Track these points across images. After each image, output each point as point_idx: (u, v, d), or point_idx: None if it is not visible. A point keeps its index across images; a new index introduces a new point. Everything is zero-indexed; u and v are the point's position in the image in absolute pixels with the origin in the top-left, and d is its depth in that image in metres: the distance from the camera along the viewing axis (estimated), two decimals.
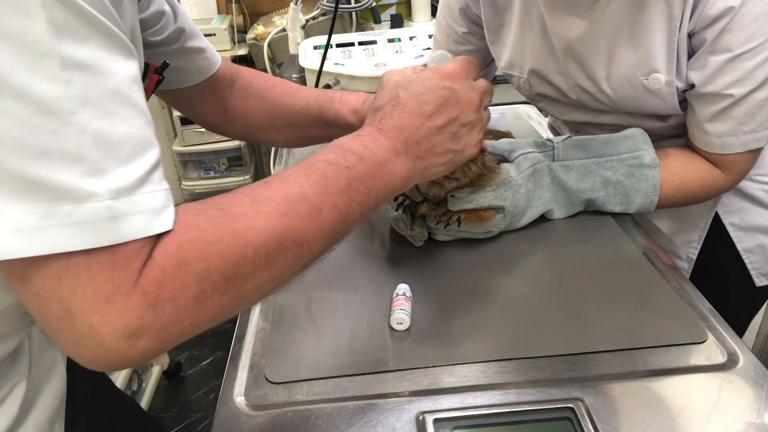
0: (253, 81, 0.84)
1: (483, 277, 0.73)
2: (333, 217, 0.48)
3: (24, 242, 0.35)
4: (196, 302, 0.40)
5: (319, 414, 0.55)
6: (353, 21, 1.98)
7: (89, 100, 0.36)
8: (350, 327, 0.65)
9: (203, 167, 2.25)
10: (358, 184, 0.51)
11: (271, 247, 0.44)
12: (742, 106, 0.74)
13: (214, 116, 0.85)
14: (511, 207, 0.77)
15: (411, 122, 0.56)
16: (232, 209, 0.44)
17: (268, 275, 0.45)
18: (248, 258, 0.43)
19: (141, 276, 0.38)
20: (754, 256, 0.93)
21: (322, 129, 0.80)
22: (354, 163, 0.51)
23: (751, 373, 0.58)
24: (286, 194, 0.46)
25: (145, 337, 0.38)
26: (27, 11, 0.34)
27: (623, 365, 0.60)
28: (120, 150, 0.38)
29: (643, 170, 0.80)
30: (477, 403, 0.56)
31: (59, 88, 0.35)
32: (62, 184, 0.35)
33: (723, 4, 0.69)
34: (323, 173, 0.49)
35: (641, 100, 0.81)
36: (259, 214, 0.44)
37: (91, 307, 0.37)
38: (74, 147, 0.36)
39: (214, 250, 0.41)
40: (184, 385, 1.90)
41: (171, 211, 0.41)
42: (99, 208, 0.36)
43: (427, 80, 0.59)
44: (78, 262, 0.36)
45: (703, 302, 0.68)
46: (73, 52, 0.36)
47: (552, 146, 0.82)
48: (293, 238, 0.45)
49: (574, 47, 0.82)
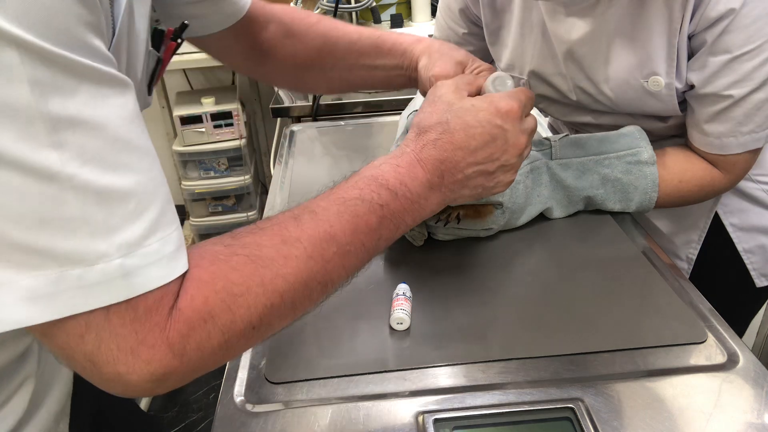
0: (294, 18, 0.81)
1: (483, 277, 0.73)
2: (360, 255, 0.49)
3: (38, 309, 0.35)
4: (221, 349, 0.41)
5: (318, 414, 0.55)
6: (353, 21, 1.98)
7: (88, 158, 0.35)
8: (350, 327, 0.65)
9: (203, 167, 2.25)
10: (388, 222, 0.51)
11: (298, 292, 0.45)
12: (742, 107, 0.74)
13: (248, 60, 0.82)
14: (510, 203, 0.77)
15: (453, 155, 0.55)
16: (261, 253, 0.44)
17: (293, 317, 0.46)
18: (275, 306, 0.43)
19: (167, 327, 0.38)
20: (754, 257, 0.94)
21: (373, 62, 0.79)
22: (387, 200, 0.51)
23: (751, 373, 0.58)
24: (316, 235, 0.46)
25: (171, 380, 0.40)
26: (8, 76, 0.32)
27: (623, 365, 0.60)
28: (128, 203, 0.37)
29: (640, 167, 0.80)
30: (477, 403, 0.56)
31: (54, 153, 0.34)
32: (69, 251, 0.35)
33: (724, 6, 0.69)
34: (355, 212, 0.49)
35: (641, 101, 0.81)
36: (288, 259, 0.44)
37: (117, 359, 0.37)
38: (78, 211, 0.35)
39: (241, 301, 0.41)
40: (184, 385, 1.90)
41: (184, 252, 0.40)
42: (110, 267, 0.36)
43: (480, 112, 0.56)
44: (98, 320, 0.37)
45: (703, 302, 0.68)
46: (63, 110, 0.34)
47: (549, 144, 0.82)
48: (319, 280, 0.46)
49: (574, 49, 0.82)
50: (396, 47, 0.78)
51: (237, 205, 2.36)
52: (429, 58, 0.74)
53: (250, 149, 2.34)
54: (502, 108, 0.57)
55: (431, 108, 0.58)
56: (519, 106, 0.58)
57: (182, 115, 2.11)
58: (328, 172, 1.04)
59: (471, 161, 0.56)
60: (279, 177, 1.03)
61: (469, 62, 0.73)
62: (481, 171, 0.57)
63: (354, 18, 1.97)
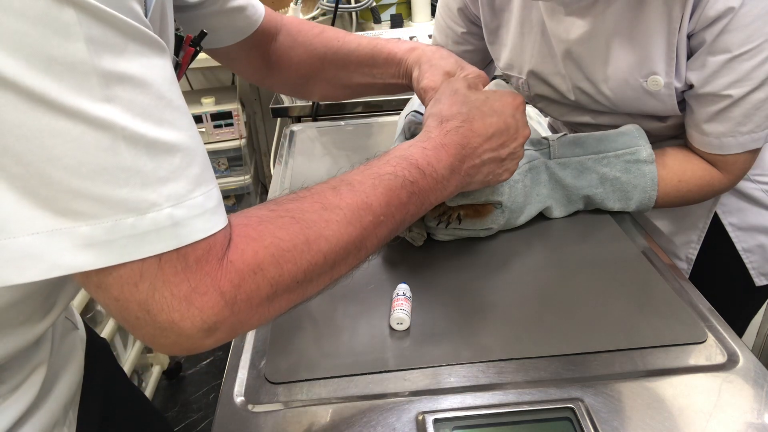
0: (300, 29, 0.84)
1: (483, 277, 0.73)
2: (391, 226, 0.53)
3: (94, 255, 0.37)
4: (268, 300, 0.44)
5: (318, 414, 0.56)
6: (353, 21, 1.99)
7: (137, 112, 0.37)
8: (350, 327, 0.66)
9: None
10: (416, 198, 0.55)
11: (338, 254, 0.48)
12: (741, 106, 0.74)
13: (257, 70, 0.85)
14: (509, 202, 0.77)
15: (472, 141, 0.61)
16: (304, 216, 0.47)
17: (330, 277, 0.50)
18: (318, 264, 0.47)
19: (218, 277, 0.41)
20: (754, 256, 0.94)
21: (370, 71, 0.82)
22: (417, 177, 0.55)
23: (751, 373, 0.58)
24: (353, 203, 0.50)
25: (221, 330, 0.42)
26: (66, 33, 0.34)
27: (623, 365, 0.60)
28: (174, 156, 0.39)
29: (639, 166, 0.80)
30: (477, 403, 0.56)
31: (107, 106, 0.36)
32: (123, 199, 0.37)
33: (723, 5, 0.69)
34: (389, 185, 0.53)
35: (640, 101, 0.81)
36: (329, 222, 0.48)
37: (171, 306, 0.39)
38: (130, 161, 0.37)
39: (288, 256, 0.45)
40: (184, 385, 1.90)
41: (223, 208, 0.43)
42: (160, 217, 0.38)
43: (496, 103, 0.64)
44: (151, 268, 0.38)
45: (703, 302, 0.68)
46: (114, 66, 0.36)
47: (548, 144, 0.82)
48: (356, 245, 0.50)
49: (573, 49, 0.82)
50: (391, 57, 0.80)
51: (237, 205, 2.36)
52: (419, 68, 0.76)
53: (250, 149, 2.34)
54: (517, 102, 0.66)
55: (450, 100, 0.64)
56: (520, 100, 0.66)
57: None
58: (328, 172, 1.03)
59: (487, 147, 0.62)
60: (279, 177, 1.03)
61: (458, 71, 0.74)
62: (494, 158, 0.64)
63: (354, 18, 1.97)
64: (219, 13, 0.73)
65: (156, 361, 1.84)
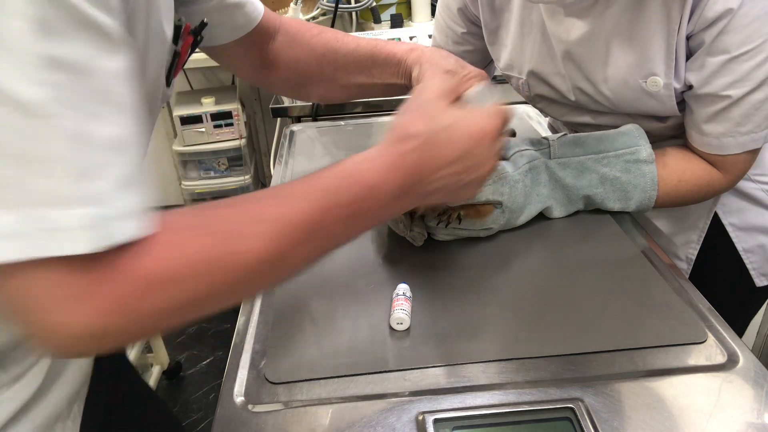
0: (299, 29, 0.83)
1: (483, 277, 0.73)
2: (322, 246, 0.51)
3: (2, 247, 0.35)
4: (170, 312, 0.41)
5: (318, 414, 0.56)
6: (353, 21, 1.99)
7: (72, 102, 0.35)
8: (350, 327, 0.66)
9: (203, 167, 2.25)
10: (356, 218, 0.52)
11: (256, 270, 0.45)
12: (740, 107, 0.74)
13: (256, 70, 0.84)
14: (509, 202, 0.77)
15: (428, 166, 0.55)
16: (228, 228, 0.44)
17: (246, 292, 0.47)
18: (232, 279, 0.43)
19: (114, 284, 0.38)
20: (754, 256, 0.94)
21: (369, 71, 0.81)
22: (361, 197, 0.51)
23: (751, 373, 0.58)
24: (285, 217, 0.46)
25: (109, 339, 0.40)
26: (11, 9, 0.33)
27: (623, 365, 0.60)
28: (99, 153, 0.37)
29: (639, 165, 0.80)
30: (477, 403, 0.56)
31: (42, 90, 0.34)
32: (39, 188, 0.35)
33: (722, 6, 0.69)
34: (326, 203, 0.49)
35: (640, 102, 0.81)
36: (252, 236, 0.44)
37: (60, 309, 0.37)
38: (54, 151, 0.35)
39: (201, 268, 0.42)
40: (184, 385, 1.90)
41: (148, 215, 0.40)
42: (75, 215, 0.36)
43: (466, 128, 0.57)
44: (59, 266, 0.36)
45: (703, 302, 0.68)
46: (55, 51, 0.35)
47: (548, 144, 0.82)
48: (277, 261, 0.46)
49: (573, 50, 0.82)
50: (390, 58, 0.79)
51: None
52: (419, 68, 0.75)
53: (250, 149, 2.34)
54: (488, 128, 0.58)
55: (415, 115, 0.58)
56: (501, 122, 0.59)
57: (182, 115, 2.11)
58: None
59: (445, 173, 0.56)
60: (279, 177, 1.03)
61: (459, 70, 0.73)
62: (453, 182, 0.58)
63: (354, 18, 1.97)
64: (218, 9, 0.72)
65: (156, 360, 1.84)
